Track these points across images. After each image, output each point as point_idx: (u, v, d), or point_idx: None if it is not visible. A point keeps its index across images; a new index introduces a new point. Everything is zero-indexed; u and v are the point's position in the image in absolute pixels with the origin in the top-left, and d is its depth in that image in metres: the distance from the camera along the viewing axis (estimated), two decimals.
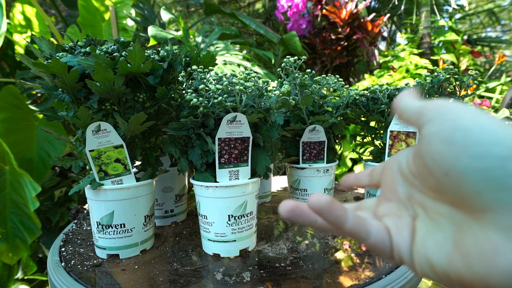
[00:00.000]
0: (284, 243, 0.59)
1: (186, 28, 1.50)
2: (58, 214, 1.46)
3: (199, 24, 2.78)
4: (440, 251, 0.18)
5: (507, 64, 3.66)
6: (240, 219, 0.52)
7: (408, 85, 0.66)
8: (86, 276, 0.48)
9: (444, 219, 0.19)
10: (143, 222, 0.55)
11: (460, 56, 2.02)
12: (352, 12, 1.82)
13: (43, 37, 0.53)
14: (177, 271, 0.49)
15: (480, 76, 0.59)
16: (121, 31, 1.60)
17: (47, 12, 2.80)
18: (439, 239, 0.18)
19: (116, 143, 0.51)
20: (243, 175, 0.53)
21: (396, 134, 0.63)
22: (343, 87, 0.69)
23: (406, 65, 1.75)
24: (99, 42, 0.57)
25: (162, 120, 0.60)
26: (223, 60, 1.43)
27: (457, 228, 0.18)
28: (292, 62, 0.65)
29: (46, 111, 0.53)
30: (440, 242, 0.18)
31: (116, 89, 0.49)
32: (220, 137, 0.49)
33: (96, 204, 0.52)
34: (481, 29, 4.30)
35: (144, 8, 1.62)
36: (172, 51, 0.58)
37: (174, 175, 0.67)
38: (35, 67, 0.48)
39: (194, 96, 0.49)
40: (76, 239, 0.62)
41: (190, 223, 0.70)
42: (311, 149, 0.67)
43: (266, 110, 0.56)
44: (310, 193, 0.67)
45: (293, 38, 1.66)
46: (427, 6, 2.07)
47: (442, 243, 0.18)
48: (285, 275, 0.47)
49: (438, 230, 0.19)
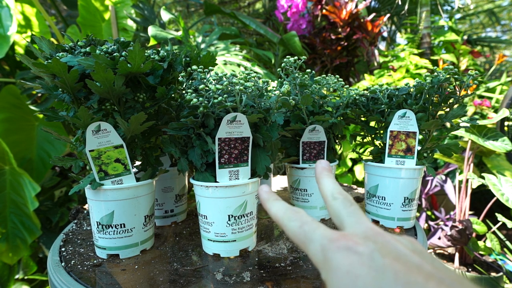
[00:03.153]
0: (284, 243, 0.59)
1: (186, 28, 1.50)
2: (58, 214, 1.46)
3: (199, 24, 2.78)
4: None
5: (507, 64, 3.66)
6: (240, 219, 0.52)
7: (408, 85, 0.66)
8: (86, 276, 0.48)
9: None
10: (143, 222, 0.55)
11: (460, 56, 2.02)
12: (352, 12, 1.82)
13: (43, 37, 0.53)
14: (177, 271, 0.49)
15: (480, 76, 0.59)
16: (121, 31, 1.60)
17: (47, 12, 2.80)
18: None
19: (116, 143, 0.51)
20: (243, 175, 0.53)
21: (396, 134, 0.63)
22: (343, 87, 0.69)
23: (406, 65, 1.75)
24: (99, 42, 0.57)
25: (162, 120, 0.60)
26: (223, 60, 1.43)
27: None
28: (292, 62, 0.65)
29: (46, 111, 0.53)
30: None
31: (116, 89, 0.49)
32: (220, 137, 0.49)
33: (96, 204, 0.52)
34: (481, 29, 4.30)
35: (144, 8, 1.62)
36: (172, 51, 0.58)
37: (174, 175, 0.67)
38: (35, 67, 0.48)
39: (194, 96, 0.49)
40: (76, 239, 0.62)
41: (190, 223, 0.70)
42: (311, 149, 0.67)
43: (266, 110, 0.56)
44: (310, 193, 0.68)
45: (293, 38, 1.66)
46: (427, 6, 2.07)
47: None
48: (285, 275, 0.47)
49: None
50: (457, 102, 0.62)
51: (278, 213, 0.26)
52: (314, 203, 0.68)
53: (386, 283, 0.18)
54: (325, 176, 0.27)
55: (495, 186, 1.15)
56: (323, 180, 0.27)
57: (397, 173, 0.63)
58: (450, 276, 0.19)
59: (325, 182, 0.27)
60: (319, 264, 0.22)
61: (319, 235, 0.22)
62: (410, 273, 0.18)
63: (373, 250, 0.20)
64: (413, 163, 0.63)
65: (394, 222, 0.64)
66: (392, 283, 0.18)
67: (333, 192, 0.26)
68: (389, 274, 0.18)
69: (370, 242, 0.21)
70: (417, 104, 0.62)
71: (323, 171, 0.28)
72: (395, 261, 0.19)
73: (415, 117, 0.61)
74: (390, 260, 0.19)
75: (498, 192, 1.13)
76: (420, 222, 1.40)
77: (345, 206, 0.25)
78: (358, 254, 0.20)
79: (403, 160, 0.63)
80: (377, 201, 0.66)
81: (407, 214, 0.64)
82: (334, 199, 0.26)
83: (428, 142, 0.66)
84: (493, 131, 1.29)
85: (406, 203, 0.63)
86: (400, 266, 0.19)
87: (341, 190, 0.27)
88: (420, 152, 0.66)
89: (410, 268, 0.19)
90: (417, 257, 0.20)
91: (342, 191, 0.26)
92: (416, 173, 0.63)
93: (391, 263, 0.19)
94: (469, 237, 1.21)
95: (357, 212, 0.25)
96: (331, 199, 0.26)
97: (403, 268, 0.19)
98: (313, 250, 0.22)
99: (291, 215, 0.25)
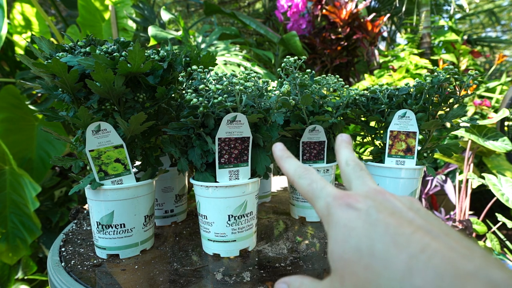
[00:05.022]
0: (284, 243, 0.59)
1: (186, 28, 1.50)
2: (58, 214, 1.46)
3: (199, 24, 2.78)
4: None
5: (507, 64, 3.66)
6: (240, 219, 0.52)
7: (408, 85, 0.66)
8: (86, 276, 0.48)
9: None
10: (143, 222, 0.55)
11: (460, 56, 2.02)
12: (352, 12, 1.82)
13: (43, 37, 0.53)
14: (177, 271, 0.49)
15: (480, 76, 0.59)
16: (121, 31, 1.60)
17: (47, 12, 2.80)
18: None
19: (116, 143, 0.51)
20: (243, 175, 0.53)
21: (396, 134, 0.63)
22: (343, 87, 0.69)
23: (406, 65, 1.75)
24: (99, 42, 0.57)
25: (162, 120, 0.60)
26: (223, 60, 1.43)
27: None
28: (292, 62, 0.65)
29: (46, 111, 0.53)
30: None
31: (116, 89, 0.49)
32: (220, 137, 0.49)
33: (96, 204, 0.52)
34: (481, 29, 4.30)
35: (144, 8, 1.62)
36: (172, 51, 0.58)
37: (174, 175, 0.67)
38: (35, 67, 0.48)
39: (194, 96, 0.49)
40: (76, 239, 0.62)
41: (190, 223, 0.70)
42: (311, 149, 0.67)
43: (266, 110, 0.56)
44: None
45: (293, 38, 1.66)
46: (427, 6, 2.07)
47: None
48: (285, 275, 0.47)
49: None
50: (457, 102, 0.62)
51: (289, 170, 0.28)
52: None
53: (377, 234, 0.20)
54: (343, 147, 0.29)
55: (495, 186, 1.15)
56: (341, 150, 0.29)
57: (397, 173, 0.63)
58: (439, 228, 0.20)
59: (342, 152, 0.29)
60: (323, 218, 0.24)
61: (325, 193, 0.24)
62: (400, 226, 0.20)
63: (370, 207, 0.21)
64: (413, 163, 0.63)
65: None
66: (381, 234, 0.19)
67: (348, 160, 0.28)
68: (381, 226, 0.20)
69: (369, 200, 0.22)
70: (417, 104, 0.62)
71: (342, 142, 0.30)
72: (389, 216, 0.21)
73: (415, 117, 0.61)
74: (384, 215, 0.21)
75: (498, 192, 1.13)
76: None
77: (354, 170, 0.27)
78: (356, 210, 0.21)
79: (403, 160, 0.63)
80: None
81: None
82: (347, 165, 0.28)
83: (428, 142, 0.66)
84: (493, 131, 1.29)
85: None
86: (392, 220, 0.20)
87: (355, 158, 0.29)
88: (420, 152, 0.66)
89: (402, 222, 0.20)
90: (412, 213, 0.21)
91: (356, 159, 0.28)
92: (416, 173, 0.63)
93: (384, 217, 0.20)
94: (469, 237, 1.21)
95: (364, 175, 0.27)
96: (345, 165, 0.28)
97: (394, 222, 0.20)
98: (319, 206, 0.24)
99: (302, 173, 0.27)
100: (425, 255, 0.17)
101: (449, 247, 0.18)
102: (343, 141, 0.30)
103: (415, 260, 0.17)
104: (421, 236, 0.19)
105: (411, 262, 0.17)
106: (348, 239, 0.20)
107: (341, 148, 0.30)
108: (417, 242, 0.18)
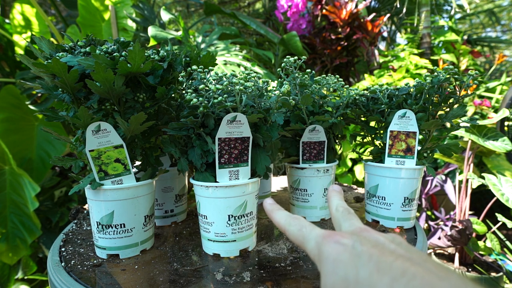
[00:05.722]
0: (284, 243, 0.59)
1: (186, 28, 1.50)
2: (58, 214, 1.46)
3: (199, 24, 2.78)
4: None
5: (507, 64, 3.67)
6: (240, 219, 0.52)
7: (408, 85, 0.66)
8: (86, 276, 0.48)
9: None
10: (143, 222, 0.55)
11: (460, 56, 2.02)
12: (352, 12, 1.82)
13: (43, 37, 0.53)
14: (177, 271, 0.49)
15: (480, 76, 0.59)
16: (121, 31, 1.60)
17: (47, 12, 2.80)
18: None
19: (116, 143, 0.51)
20: (243, 175, 0.53)
21: (396, 134, 0.63)
22: (343, 87, 0.69)
23: (406, 65, 1.75)
24: (99, 42, 0.57)
25: (162, 120, 0.60)
26: (223, 60, 1.43)
27: None
28: (292, 62, 0.65)
29: (46, 111, 0.53)
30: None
31: (116, 89, 0.49)
32: (220, 137, 0.49)
33: (96, 204, 0.52)
34: (481, 29, 4.30)
35: (144, 8, 1.62)
36: (172, 51, 0.58)
37: (174, 175, 0.67)
38: (35, 67, 0.48)
39: (194, 96, 0.49)
40: (76, 239, 0.62)
41: (190, 223, 0.70)
42: (311, 149, 0.67)
43: (266, 110, 0.56)
44: (310, 193, 0.67)
45: (294, 38, 1.66)
46: (427, 6, 2.07)
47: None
48: (285, 275, 0.47)
49: None
50: (457, 102, 0.62)
51: (280, 220, 0.32)
52: (314, 203, 0.68)
53: (361, 263, 0.22)
54: (334, 195, 0.34)
55: (495, 186, 1.15)
56: (332, 198, 0.34)
57: (397, 173, 0.63)
58: (419, 257, 0.22)
59: (333, 199, 0.33)
60: (315, 258, 0.26)
61: (315, 234, 0.27)
62: (383, 255, 0.22)
63: (355, 241, 0.24)
64: (413, 163, 0.63)
65: (394, 222, 0.64)
66: (365, 263, 0.21)
67: (337, 206, 0.32)
68: (365, 256, 0.22)
69: (354, 236, 0.25)
70: (417, 104, 0.62)
71: (333, 191, 0.34)
72: (373, 247, 0.23)
73: (415, 117, 0.61)
74: (368, 247, 0.23)
75: (498, 192, 1.13)
76: (420, 222, 1.40)
77: (343, 215, 0.30)
78: (343, 245, 0.24)
79: (403, 160, 0.63)
80: (377, 201, 0.66)
81: (407, 214, 0.64)
82: (337, 211, 0.31)
83: (428, 142, 0.66)
84: (493, 131, 1.29)
85: (406, 203, 0.64)
86: (375, 250, 0.22)
87: (345, 204, 0.32)
88: (420, 152, 0.66)
89: (384, 252, 0.22)
90: (394, 245, 0.24)
91: (345, 205, 0.32)
92: (416, 173, 0.63)
93: (368, 249, 0.23)
94: (469, 237, 1.21)
95: (352, 218, 0.30)
96: (335, 211, 0.32)
97: (377, 252, 0.22)
98: (310, 247, 0.27)
99: (291, 221, 0.30)
100: (405, 278, 0.19)
101: (427, 271, 0.20)
102: (334, 190, 0.34)
103: (396, 283, 0.19)
104: (401, 262, 0.21)
105: (392, 285, 0.19)
106: (336, 271, 0.22)
107: (332, 197, 0.34)
108: (398, 267, 0.20)
